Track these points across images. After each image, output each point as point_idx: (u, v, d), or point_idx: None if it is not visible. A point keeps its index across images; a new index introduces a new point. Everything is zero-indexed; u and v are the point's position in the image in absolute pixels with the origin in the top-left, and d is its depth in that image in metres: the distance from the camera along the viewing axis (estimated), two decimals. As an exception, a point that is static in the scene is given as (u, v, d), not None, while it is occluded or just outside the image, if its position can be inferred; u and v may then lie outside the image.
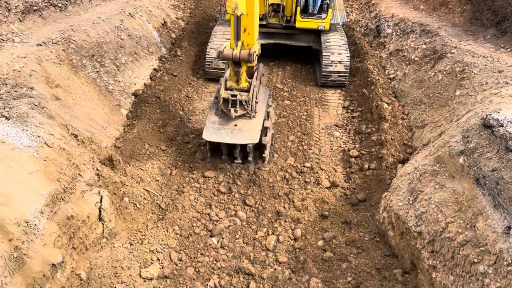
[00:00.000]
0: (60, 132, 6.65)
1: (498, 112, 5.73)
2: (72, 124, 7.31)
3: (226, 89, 7.73)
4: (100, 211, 6.23)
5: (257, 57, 7.66)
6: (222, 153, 8.34)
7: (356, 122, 10.37)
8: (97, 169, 6.70)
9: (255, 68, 7.94)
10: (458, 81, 8.97)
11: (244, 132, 7.61)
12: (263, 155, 8.33)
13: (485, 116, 5.72)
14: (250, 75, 7.94)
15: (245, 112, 7.67)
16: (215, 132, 7.61)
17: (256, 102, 7.84)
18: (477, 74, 8.65)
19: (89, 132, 7.78)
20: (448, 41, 10.66)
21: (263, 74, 8.46)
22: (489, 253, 4.46)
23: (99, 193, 6.32)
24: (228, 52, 7.28)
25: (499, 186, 4.79)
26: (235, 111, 7.60)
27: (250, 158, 8.28)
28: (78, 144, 6.91)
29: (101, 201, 6.28)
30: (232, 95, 7.54)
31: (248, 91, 7.66)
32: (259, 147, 8.38)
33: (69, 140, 6.71)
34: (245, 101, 7.55)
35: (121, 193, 6.96)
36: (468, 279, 4.62)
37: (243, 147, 8.03)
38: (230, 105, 7.59)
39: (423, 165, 6.56)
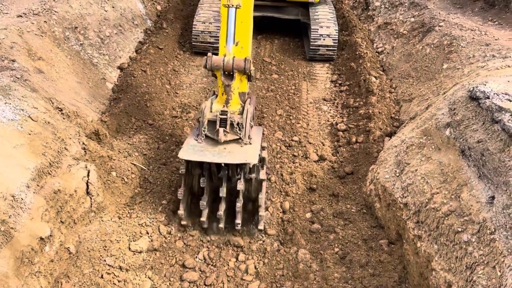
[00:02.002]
0: (45, 106, 6.51)
1: (485, 85, 5.77)
2: (56, 97, 7.15)
3: (212, 112, 5.85)
4: (87, 185, 6.17)
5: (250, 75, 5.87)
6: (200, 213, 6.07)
7: (344, 96, 10.37)
8: (83, 143, 6.61)
9: (247, 97, 6.13)
10: (446, 54, 8.99)
11: (237, 154, 5.58)
12: (259, 214, 6.10)
13: (471, 89, 5.76)
14: (242, 102, 6.08)
15: (237, 137, 5.70)
16: (195, 152, 5.59)
17: (251, 126, 5.95)
18: (464, 47, 8.67)
19: (74, 106, 7.64)
20: (437, 14, 10.62)
21: (255, 108, 6.45)
22: (472, 222, 4.57)
23: (86, 167, 6.25)
24: (218, 59, 5.60)
25: (483, 157, 4.87)
26: (225, 133, 5.63)
27: (238, 221, 5.98)
28: (63, 118, 6.78)
29: (88, 175, 6.22)
30: (222, 113, 5.64)
31: (240, 114, 5.81)
32: (247, 211, 6.42)
33: (54, 113, 6.58)
34: (238, 123, 5.62)
35: (108, 167, 6.91)
36: (452, 248, 4.75)
37: (232, 197, 6.07)
38: (218, 125, 5.64)
39: (410, 138, 6.63)
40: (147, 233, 6.33)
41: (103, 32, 10.29)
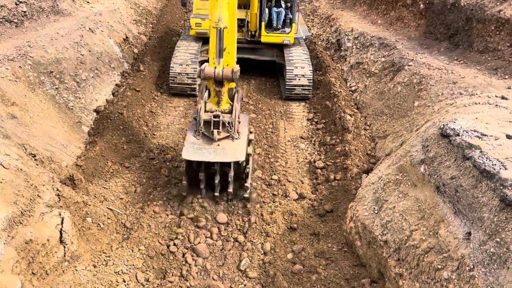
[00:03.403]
0: (17, 152, 6.37)
1: (454, 122, 5.97)
2: (30, 143, 7.02)
3: (206, 111, 7.20)
4: (61, 234, 5.97)
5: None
6: (199, 186, 7.61)
7: (321, 133, 10.54)
8: (57, 189, 6.45)
9: (234, 91, 7.47)
10: (416, 92, 9.32)
11: (228, 151, 7.04)
12: (245, 184, 7.58)
13: (442, 126, 5.95)
14: (231, 98, 7.47)
15: (228, 134, 7.13)
16: (195, 151, 6.97)
17: (239, 122, 7.32)
18: (433, 85, 9.02)
19: (49, 151, 7.50)
20: (405, 54, 11.09)
21: (242, 98, 7.94)
22: (451, 259, 4.59)
23: (59, 214, 6.07)
24: (209, 71, 6.78)
25: (458, 193, 4.97)
26: (218, 133, 7.06)
27: (230, 190, 7.50)
28: (37, 164, 6.64)
29: (62, 222, 6.02)
30: (215, 116, 7.01)
31: (230, 112, 7.21)
32: (239, 179, 7.74)
33: (27, 160, 6.44)
34: (228, 123, 7.03)
35: (84, 213, 6.72)
36: (433, 285, 4.74)
37: (224, 177, 7.42)
38: (212, 127, 7.05)
39: (386, 175, 6.73)
40: (124, 281, 6.11)
41: (79, 75, 10.29)
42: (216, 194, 7.51)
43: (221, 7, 6.58)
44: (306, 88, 12.11)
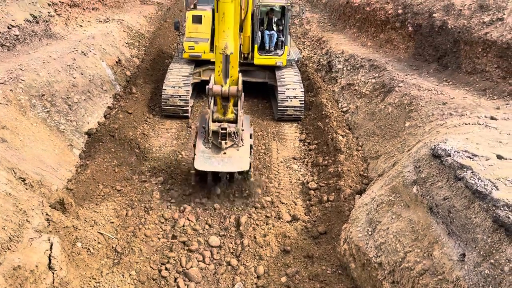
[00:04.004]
0: (6, 177, 6.28)
1: (445, 142, 6.02)
2: (19, 167, 6.93)
3: (214, 120, 8.07)
4: (50, 259, 5.83)
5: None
6: (206, 179, 8.51)
7: (313, 154, 10.55)
8: (47, 214, 6.33)
9: (238, 96, 8.17)
10: (407, 113, 9.41)
11: (234, 160, 7.96)
12: (249, 172, 8.50)
13: (433, 147, 5.99)
14: (235, 103, 8.24)
15: (233, 143, 8.05)
16: (206, 161, 7.88)
17: (242, 130, 8.20)
18: (423, 106, 9.13)
19: (39, 175, 7.41)
20: (395, 75, 11.25)
21: (244, 102, 8.81)
22: (447, 281, 4.55)
23: (49, 239, 5.94)
24: (217, 89, 7.66)
25: (451, 214, 4.96)
26: (226, 143, 7.95)
27: (234, 178, 8.51)
28: (26, 188, 6.54)
29: (51, 248, 5.89)
30: (222, 128, 7.91)
31: (235, 121, 8.14)
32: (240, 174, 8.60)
33: (16, 184, 6.34)
34: (234, 133, 7.97)
35: (73, 238, 6.59)
36: (429, 309, 4.68)
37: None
38: (220, 138, 7.92)
39: (379, 196, 6.72)
40: (114, 308, 5.96)
41: (71, 98, 10.28)
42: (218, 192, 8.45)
43: (228, 36, 7.42)
44: (298, 109, 12.19)
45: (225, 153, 7.97)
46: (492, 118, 7.64)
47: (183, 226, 7.63)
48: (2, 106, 8.11)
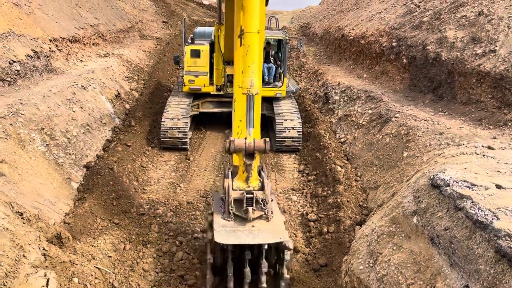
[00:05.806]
0: (4, 211, 6.22)
1: (444, 172, 6.03)
2: (17, 201, 6.88)
3: (234, 189, 6.08)
4: (46, 296, 5.70)
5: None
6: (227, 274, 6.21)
7: (312, 185, 10.53)
8: (43, 249, 6.23)
9: (260, 166, 6.48)
10: (405, 143, 9.48)
11: (267, 232, 5.86)
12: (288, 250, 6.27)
13: (432, 177, 6.00)
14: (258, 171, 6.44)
15: (262, 213, 5.99)
16: (229, 234, 5.81)
17: (271, 200, 6.22)
18: (420, 136, 9.20)
19: (36, 209, 7.34)
20: (392, 106, 11.39)
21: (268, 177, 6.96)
22: (451, 314, 4.46)
23: (45, 275, 5.83)
24: (240, 143, 5.86)
25: (452, 245, 4.92)
26: (253, 211, 5.91)
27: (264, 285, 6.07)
28: (23, 223, 6.46)
29: (47, 284, 5.77)
30: (247, 193, 5.97)
31: (261, 189, 6.11)
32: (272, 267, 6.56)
33: (14, 219, 6.28)
34: (262, 200, 5.96)
35: (70, 274, 6.46)
36: None
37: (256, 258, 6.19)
38: (245, 205, 5.94)
39: (379, 227, 6.67)
40: None
41: (70, 132, 10.33)
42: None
43: (253, 72, 6.06)
44: (296, 140, 12.28)
45: (253, 226, 5.90)
46: (489, 147, 7.70)
47: (181, 259, 7.51)
48: (2, 140, 8.14)
